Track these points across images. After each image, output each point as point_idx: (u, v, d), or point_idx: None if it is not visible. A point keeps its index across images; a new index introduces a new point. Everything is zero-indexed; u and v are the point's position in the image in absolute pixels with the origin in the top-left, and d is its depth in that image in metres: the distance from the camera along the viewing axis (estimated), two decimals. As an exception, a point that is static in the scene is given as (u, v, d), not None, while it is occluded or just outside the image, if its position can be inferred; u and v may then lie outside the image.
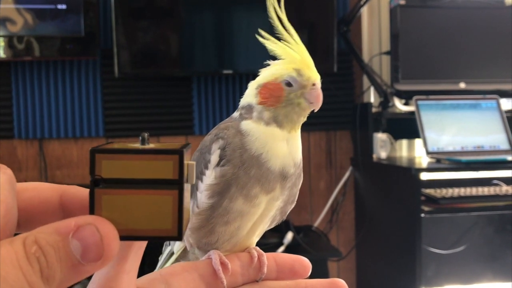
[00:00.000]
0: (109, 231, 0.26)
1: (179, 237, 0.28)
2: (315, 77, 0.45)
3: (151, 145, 0.29)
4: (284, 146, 0.43)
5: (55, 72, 2.12)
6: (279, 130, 0.43)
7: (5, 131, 2.10)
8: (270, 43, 0.45)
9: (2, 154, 2.09)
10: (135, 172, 0.28)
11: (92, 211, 0.27)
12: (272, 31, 0.46)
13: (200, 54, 2.12)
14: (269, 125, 0.43)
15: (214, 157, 0.43)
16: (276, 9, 0.44)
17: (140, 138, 0.29)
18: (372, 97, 2.22)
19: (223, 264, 0.41)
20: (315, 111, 0.45)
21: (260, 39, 0.45)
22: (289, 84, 0.44)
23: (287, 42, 0.45)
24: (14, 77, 2.10)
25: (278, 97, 0.44)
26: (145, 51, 2.07)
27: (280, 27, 0.44)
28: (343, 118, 2.27)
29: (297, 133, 0.45)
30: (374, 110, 2.09)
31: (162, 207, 0.28)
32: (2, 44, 1.96)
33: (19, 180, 0.29)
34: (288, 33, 0.44)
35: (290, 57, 0.45)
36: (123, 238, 0.27)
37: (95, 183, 0.27)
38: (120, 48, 2.01)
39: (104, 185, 0.27)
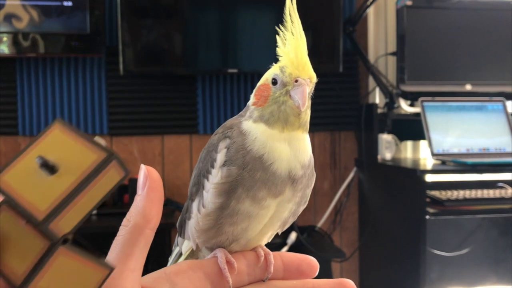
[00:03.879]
0: None
1: None
2: (298, 74, 0.42)
3: (56, 165, 0.27)
4: (285, 148, 0.42)
5: (60, 69, 2.12)
6: (270, 129, 0.42)
7: (10, 127, 2.10)
8: (279, 40, 0.44)
9: (6, 151, 2.09)
10: (88, 205, 0.27)
11: (39, 267, 0.26)
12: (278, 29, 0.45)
13: (205, 53, 2.11)
14: (257, 123, 0.43)
15: (220, 156, 0.42)
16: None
17: (41, 164, 0.26)
18: (378, 98, 2.21)
19: (229, 262, 0.41)
20: (301, 109, 0.42)
21: (278, 37, 0.44)
22: (274, 83, 0.43)
23: (286, 37, 0.43)
24: (19, 73, 2.10)
25: (266, 97, 0.43)
26: (150, 49, 2.07)
27: (288, 20, 0.43)
28: (348, 118, 2.27)
29: (302, 135, 0.43)
30: (379, 111, 2.08)
31: (90, 279, 0.28)
32: (6, 39, 1.96)
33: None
34: (292, 26, 0.43)
35: (284, 55, 0.44)
36: None
37: (64, 241, 0.27)
38: (125, 46, 2.01)
39: (69, 245, 0.27)
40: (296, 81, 0.42)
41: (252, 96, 0.46)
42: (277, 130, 0.42)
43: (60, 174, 0.27)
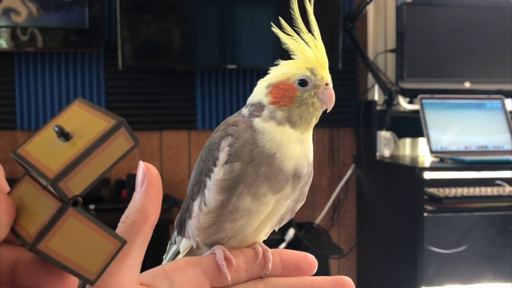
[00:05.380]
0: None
1: (93, 283, 0.29)
2: (328, 77, 0.45)
3: (71, 133, 0.29)
4: (297, 147, 0.42)
5: (58, 63, 2.12)
6: (293, 130, 0.43)
7: (8, 122, 2.10)
8: (284, 36, 0.44)
9: (4, 145, 2.08)
10: (97, 169, 0.28)
11: (50, 226, 0.27)
12: (278, 25, 0.45)
13: (203, 49, 2.11)
14: (282, 125, 0.42)
15: (223, 155, 0.42)
16: (304, 1, 0.43)
17: (58, 131, 0.28)
18: (377, 94, 2.21)
19: (227, 259, 0.41)
20: (328, 111, 0.45)
21: (275, 31, 0.44)
22: (302, 84, 0.44)
23: (304, 36, 0.44)
24: (17, 68, 2.09)
25: (291, 97, 0.43)
26: (149, 44, 2.06)
27: (299, 19, 0.43)
28: (347, 115, 2.27)
29: (310, 134, 0.44)
30: (378, 108, 2.08)
31: (101, 250, 0.29)
32: (4, 34, 1.95)
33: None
34: (309, 27, 0.44)
35: (303, 54, 0.44)
36: (48, 257, 0.27)
37: (74, 203, 0.28)
38: (124, 40, 2.00)
39: (79, 207, 0.28)
40: (327, 84, 0.44)
41: (262, 93, 0.45)
42: (299, 132, 0.43)
43: (73, 140, 0.28)
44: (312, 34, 0.44)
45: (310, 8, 0.43)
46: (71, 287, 0.29)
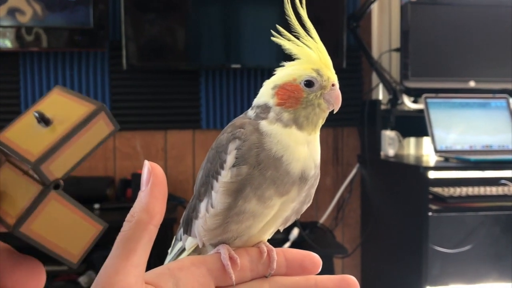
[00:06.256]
0: None
1: (75, 265, 0.30)
2: (334, 77, 0.44)
3: (51, 119, 0.29)
4: (305, 150, 0.42)
5: (63, 63, 2.12)
6: (300, 132, 0.42)
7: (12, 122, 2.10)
8: (286, 42, 0.44)
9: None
10: (78, 153, 0.29)
11: (32, 209, 0.28)
12: (282, 26, 0.45)
13: (208, 48, 2.11)
14: (288, 127, 0.42)
15: (230, 158, 0.41)
16: (296, 5, 0.43)
17: (39, 117, 0.29)
18: (381, 94, 2.21)
19: (232, 258, 0.41)
20: (334, 112, 0.44)
21: (274, 38, 0.44)
22: (308, 85, 0.43)
23: (304, 40, 0.44)
24: (22, 68, 2.10)
25: (297, 98, 0.43)
26: (153, 43, 2.06)
27: (297, 24, 0.43)
28: (351, 114, 2.26)
29: (317, 135, 0.44)
30: (382, 107, 2.08)
31: (83, 233, 0.29)
32: (9, 34, 1.96)
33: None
34: (306, 30, 0.44)
35: (307, 56, 0.44)
36: (31, 240, 0.28)
37: (56, 187, 0.28)
38: (129, 40, 2.01)
39: (60, 190, 0.28)
40: (333, 84, 0.44)
41: (268, 94, 0.44)
42: (306, 133, 0.43)
43: (54, 125, 0.29)
44: (311, 37, 0.44)
45: (303, 13, 0.43)
46: (39, 279, 0.29)
